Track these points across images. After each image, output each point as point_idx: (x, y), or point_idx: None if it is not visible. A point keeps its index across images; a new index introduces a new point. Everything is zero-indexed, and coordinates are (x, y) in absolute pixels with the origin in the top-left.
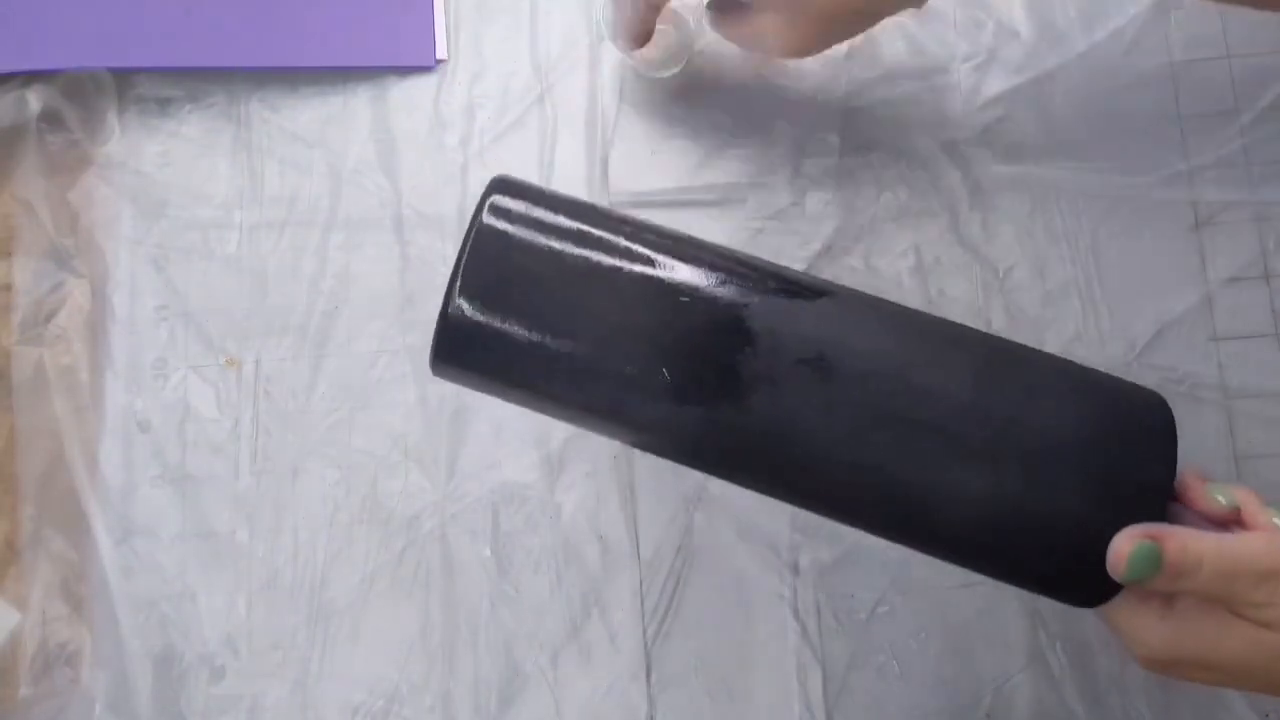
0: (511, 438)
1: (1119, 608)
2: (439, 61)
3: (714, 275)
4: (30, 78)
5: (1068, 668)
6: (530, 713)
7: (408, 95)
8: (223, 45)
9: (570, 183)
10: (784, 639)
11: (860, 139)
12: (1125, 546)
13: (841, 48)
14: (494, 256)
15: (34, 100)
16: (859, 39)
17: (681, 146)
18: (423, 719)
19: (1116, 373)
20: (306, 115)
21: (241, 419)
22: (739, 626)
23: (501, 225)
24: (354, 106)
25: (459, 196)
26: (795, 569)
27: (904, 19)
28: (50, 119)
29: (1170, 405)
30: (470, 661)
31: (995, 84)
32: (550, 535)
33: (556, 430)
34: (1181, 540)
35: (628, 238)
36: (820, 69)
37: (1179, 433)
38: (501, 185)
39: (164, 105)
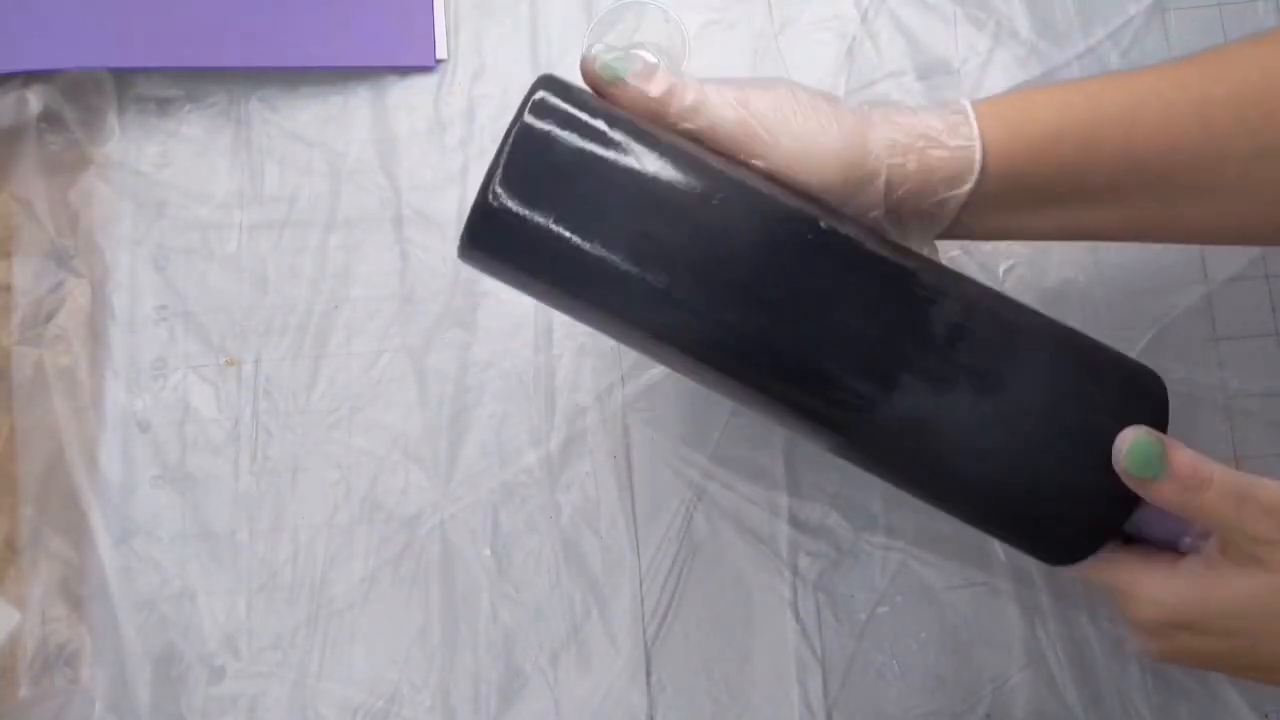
0: (511, 438)
1: (1122, 564)
2: (439, 61)
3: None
4: (30, 78)
5: (1067, 668)
6: (530, 713)
7: (408, 95)
8: (223, 45)
9: None
10: (784, 639)
11: None
12: (1130, 436)
13: (843, 46)
14: (547, 145)
15: (34, 100)
16: (861, 37)
17: None
18: (422, 719)
19: None
20: (306, 115)
21: (241, 419)
22: (739, 626)
23: (557, 105)
24: (354, 106)
25: (459, 196)
26: (795, 569)
27: (904, 15)
28: (50, 119)
29: (1169, 403)
30: (470, 661)
31: (995, 83)
32: (550, 535)
33: (556, 430)
34: (1193, 455)
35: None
36: (821, 69)
37: (1179, 433)
38: (549, 83)
39: (164, 105)
